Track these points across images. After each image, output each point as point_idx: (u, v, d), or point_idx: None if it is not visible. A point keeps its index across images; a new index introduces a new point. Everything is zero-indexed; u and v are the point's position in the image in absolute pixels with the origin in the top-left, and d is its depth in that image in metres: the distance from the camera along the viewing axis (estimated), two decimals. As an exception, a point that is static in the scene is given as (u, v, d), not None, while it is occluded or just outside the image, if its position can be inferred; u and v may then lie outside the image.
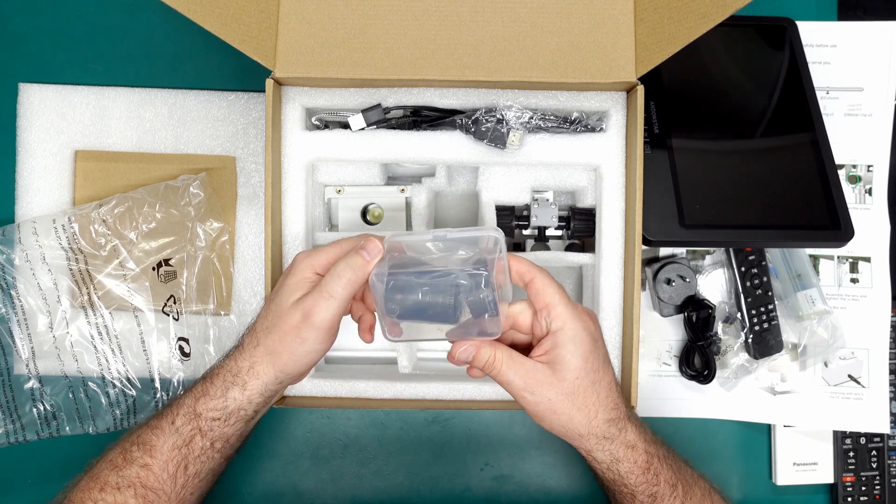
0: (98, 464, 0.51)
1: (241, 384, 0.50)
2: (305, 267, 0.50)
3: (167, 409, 0.52)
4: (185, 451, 0.50)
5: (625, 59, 0.56)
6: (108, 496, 0.49)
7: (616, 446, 0.50)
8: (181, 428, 0.50)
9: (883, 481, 0.69)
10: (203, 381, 0.52)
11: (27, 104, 0.67)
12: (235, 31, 0.53)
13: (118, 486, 0.49)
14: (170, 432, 0.50)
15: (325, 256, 0.50)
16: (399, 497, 0.69)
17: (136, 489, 0.49)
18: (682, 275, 0.65)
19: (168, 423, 0.51)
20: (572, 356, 0.47)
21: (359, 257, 0.48)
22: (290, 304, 0.49)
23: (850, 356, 0.68)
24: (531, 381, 0.47)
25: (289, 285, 0.50)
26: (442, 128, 0.59)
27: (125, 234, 0.64)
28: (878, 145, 0.69)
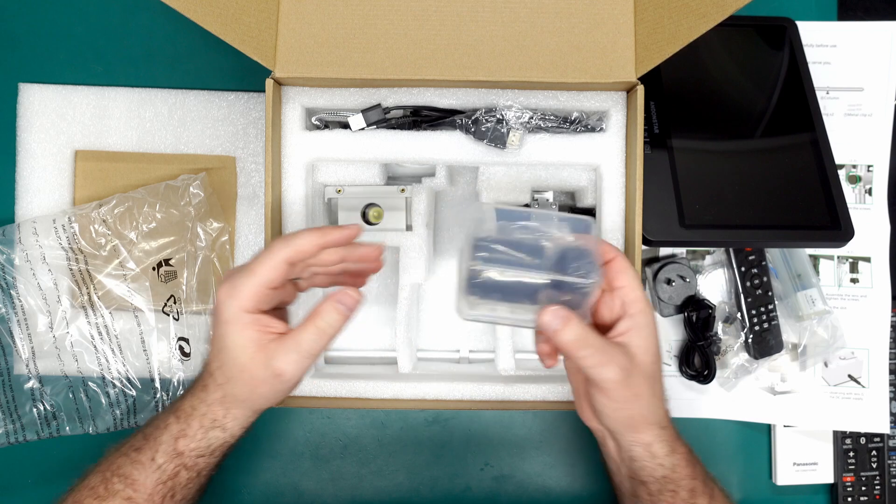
0: (80, 489, 0.51)
1: (220, 427, 0.49)
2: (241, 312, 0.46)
3: (143, 441, 0.50)
4: (172, 483, 0.49)
5: (625, 58, 0.56)
6: None
7: (671, 435, 0.49)
8: (164, 465, 0.49)
9: (883, 481, 0.69)
10: (177, 420, 0.49)
11: (27, 104, 0.67)
12: (235, 31, 0.53)
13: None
14: (151, 469, 0.49)
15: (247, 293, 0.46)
16: (399, 497, 0.69)
17: None
18: (682, 275, 0.65)
19: (148, 458, 0.49)
20: (649, 340, 0.47)
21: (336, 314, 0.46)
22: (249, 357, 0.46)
23: (850, 356, 0.68)
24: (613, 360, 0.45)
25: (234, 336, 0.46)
26: (442, 128, 0.59)
27: (125, 234, 0.64)
28: (878, 145, 0.69)
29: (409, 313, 0.62)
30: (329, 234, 0.48)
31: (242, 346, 0.46)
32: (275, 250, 0.46)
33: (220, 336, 0.47)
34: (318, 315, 0.46)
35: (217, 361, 0.48)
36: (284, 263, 0.46)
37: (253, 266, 0.46)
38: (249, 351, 0.46)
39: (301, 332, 0.46)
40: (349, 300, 0.47)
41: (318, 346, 0.46)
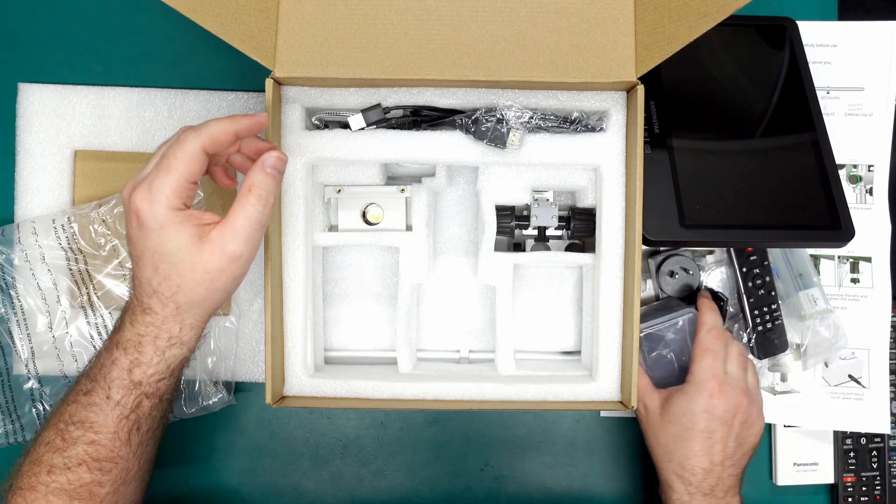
0: (35, 447, 0.49)
1: (177, 343, 0.47)
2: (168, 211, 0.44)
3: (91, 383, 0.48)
4: (135, 416, 0.48)
5: (625, 58, 0.56)
6: (58, 477, 0.47)
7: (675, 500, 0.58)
8: (122, 400, 0.47)
9: (883, 481, 0.68)
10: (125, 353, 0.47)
11: (27, 104, 0.66)
12: (235, 31, 0.53)
13: (67, 466, 0.47)
14: (109, 407, 0.47)
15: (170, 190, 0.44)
16: (399, 497, 0.69)
17: (89, 464, 0.47)
18: (685, 267, 0.65)
19: (102, 398, 0.47)
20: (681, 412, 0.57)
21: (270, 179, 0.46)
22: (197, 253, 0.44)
23: (851, 356, 0.68)
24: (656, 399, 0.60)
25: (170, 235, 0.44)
26: (442, 128, 0.59)
27: (125, 234, 0.64)
28: (878, 145, 0.69)
29: (409, 313, 0.62)
30: (240, 121, 0.47)
31: (186, 245, 0.44)
32: (187, 142, 0.45)
33: (154, 245, 0.44)
34: (254, 185, 0.45)
35: (158, 275, 0.45)
36: (202, 153, 0.45)
37: (168, 163, 0.44)
38: (195, 247, 0.44)
39: (242, 207, 0.45)
40: (278, 162, 0.46)
41: (264, 216, 0.45)
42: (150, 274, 0.46)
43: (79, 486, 0.48)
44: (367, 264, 0.67)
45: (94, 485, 0.48)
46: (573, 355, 0.68)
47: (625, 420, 0.70)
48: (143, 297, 0.47)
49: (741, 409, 0.57)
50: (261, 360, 0.67)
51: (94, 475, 0.48)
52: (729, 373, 0.58)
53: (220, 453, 0.68)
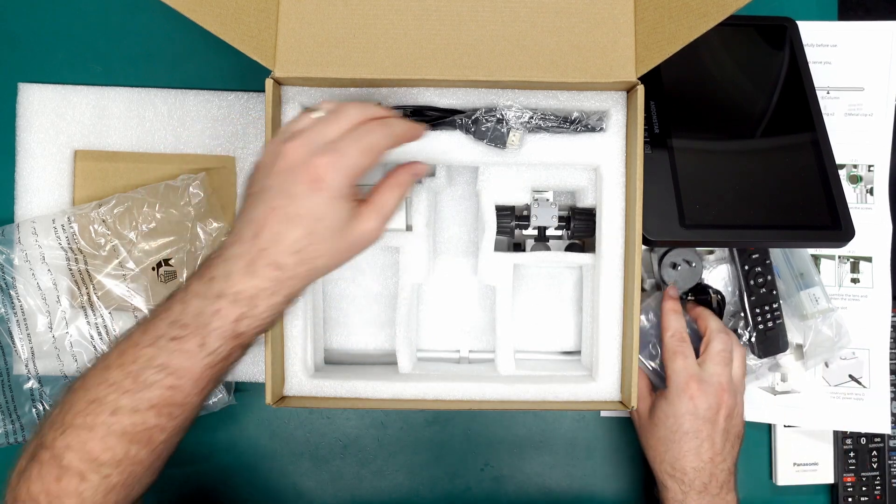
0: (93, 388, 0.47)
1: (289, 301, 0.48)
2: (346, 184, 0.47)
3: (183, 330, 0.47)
4: (221, 365, 0.48)
5: (625, 58, 0.56)
6: (123, 418, 0.46)
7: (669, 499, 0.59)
8: (218, 349, 0.47)
9: (883, 482, 0.68)
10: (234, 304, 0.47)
11: (27, 104, 0.66)
12: (235, 31, 0.53)
13: (135, 408, 0.46)
14: (201, 354, 0.47)
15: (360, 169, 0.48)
16: (399, 497, 0.69)
17: (160, 408, 0.47)
18: (687, 259, 0.64)
19: (195, 345, 0.47)
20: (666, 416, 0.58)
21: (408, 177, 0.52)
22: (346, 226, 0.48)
23: (851, 356, 0.68)
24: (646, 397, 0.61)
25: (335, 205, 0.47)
26: (442, 128, 0.59)
27: (125, 234, 0.64)
28: (878, 145, 0.69)
29: (409, 313, 0.62)
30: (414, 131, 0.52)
31: (345, 218, 0.47)
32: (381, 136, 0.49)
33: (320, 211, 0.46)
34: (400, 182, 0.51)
35: (310, 238, 0.47)
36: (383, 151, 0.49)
37: (368, 146, 0.48)
38: (350, 221, 0.48)
39: (389, 194, 0.50)
40: (421, 169, 0.53)
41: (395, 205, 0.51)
42: (300, 235, 0.47)
43: (142, 429, 0.47)
44: (366, 264, 0.67)
45: (157, 430, 0.47)
46: (573, 355, 0.68)
47: (625, 420, 0.70)
48: (279, 255, 0.47)
49: (723, 404, 0.58)
50: (261, 360, 0.67)
51: (160, 420, 0.47)
52: (706, 370, 0.58)
53: (220, 453, 0.68)
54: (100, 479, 0.46)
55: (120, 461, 0.46)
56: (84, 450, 0.46)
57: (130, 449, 0.47)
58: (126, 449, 0.46)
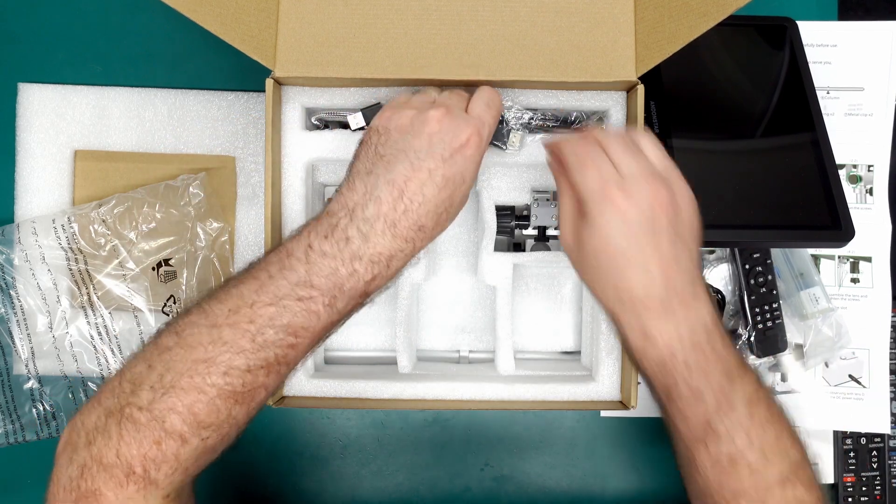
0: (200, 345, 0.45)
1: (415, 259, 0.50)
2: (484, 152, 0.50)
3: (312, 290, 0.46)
4: (341, 322, 0.48)
5: (625, 58, 0.56)
6: (233, 380, 0.45)
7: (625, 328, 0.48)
8: (345, 308, 0.47)
9: (883, 481, 0.68)
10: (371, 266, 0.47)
11: (27, 104, 0.66)
12: (235, 31, 0.53)
13: (248, 368, 0.45)
14: (328, 315, 0.46)
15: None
16: (399, 497, 0.69)
17: (271, 367, 0.46)
18: None
19: (322, 305, 0.46)
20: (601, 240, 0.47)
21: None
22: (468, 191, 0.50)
23: (851, 356, 0.68)
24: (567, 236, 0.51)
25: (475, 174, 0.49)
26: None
27: (125, 234, 0.64)
28: (878, 145, 0.69)
29: (409, 313, 0.62)
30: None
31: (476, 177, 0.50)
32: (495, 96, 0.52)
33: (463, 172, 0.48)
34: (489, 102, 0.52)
35: (452, 199, 0.48)
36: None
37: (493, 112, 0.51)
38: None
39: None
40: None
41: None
42: (446, 197, 0.48)
43: (251, 388, 0.45)
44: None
45: (262, 389, 0.46)
46: (573, 355, 0.68)
47: (625, 420, 0.70)
48: (422, 216, 0.47)
49: (659, 201, 0.47)
50: (261, 360, 0.67)
51: (269, 379, 0.46)
52: (623, 171, 0.47)
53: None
54: (199, 441, 0.45)
55: (221, 423, 0.45)
56: (191, 412, 0.44)
57: (233, 409, 0.45)
58: (229, 409, 0.45)
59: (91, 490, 0.44)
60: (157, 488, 0.44)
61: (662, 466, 0.69)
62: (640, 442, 0.69)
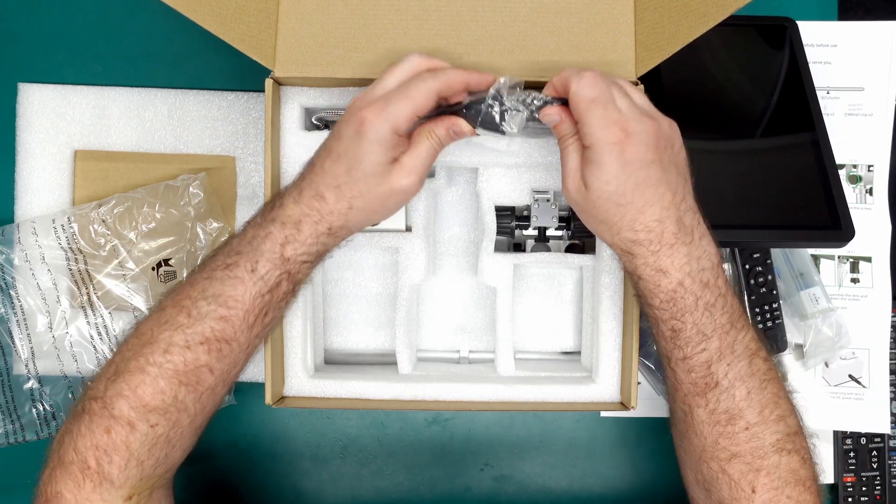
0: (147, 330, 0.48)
1: (333, 235, 0.50)
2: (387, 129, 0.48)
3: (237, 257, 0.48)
4: (269, 297, 0.48)
5: (625, 58, 0.56)
6: (175, 357, 0.46)
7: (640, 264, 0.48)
8: (266, 275, 0.48)
9: (883, 481, 0.68)
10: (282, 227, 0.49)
11: (27, 104, 0.66)
12: (235, 31, 0.53)
13: (187, 344, 0.46)
14: (251, 280, 0.48)
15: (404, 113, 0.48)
16: (399, 497, 0.69)
17: (210, 344, 0.47)
18: None
19: (247, 271, 0.48)
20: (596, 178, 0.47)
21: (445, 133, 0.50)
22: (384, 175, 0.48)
23: (851, 356, 0.68)
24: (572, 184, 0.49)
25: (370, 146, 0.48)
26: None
27: (125, 234, 0.64)
28: (878, 145, 0.69)
29: (409, 314, 0.62)
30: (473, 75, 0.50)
31: (383, 163, 0.48)
32: (428, 80, 0.48)
33: (359, 154, 0.48)
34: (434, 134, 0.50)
35: (348, 177, 0.49)
36: (435, 94, 0.48)
37: (408, 92, 0.48)
38: (385, 170, 0.48)
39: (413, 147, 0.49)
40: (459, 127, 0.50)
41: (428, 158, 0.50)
42: (341, 172, 0.49)
43: (193, 367, 0.46)
44: (366, 264, 0.67)
45: (206, 370, 0.47)
46: (573, 356, 0.68)
47: (625, 420, 0.70)
48: (322, 186, 0.49)
49: (659, 135, 0.48)
50: (261, 360, 0.66)
51: (210, 357, 0.47)
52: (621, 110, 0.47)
53: (220, 453, 0.68)
54: (147, 428, 0.46)
55: (168, 408, 0.46)
56: (136, 395, 0.46)
57: (179, 391, 0.46)
58: (175, 392, 0.46)
59: (54, 493, 0.45)
60: (112, 486, 0.45)
61: (662, 466, 0.69)
62: (640, 442, 0.69)
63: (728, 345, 0.49)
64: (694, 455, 0.51)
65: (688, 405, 0.49)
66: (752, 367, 0.49)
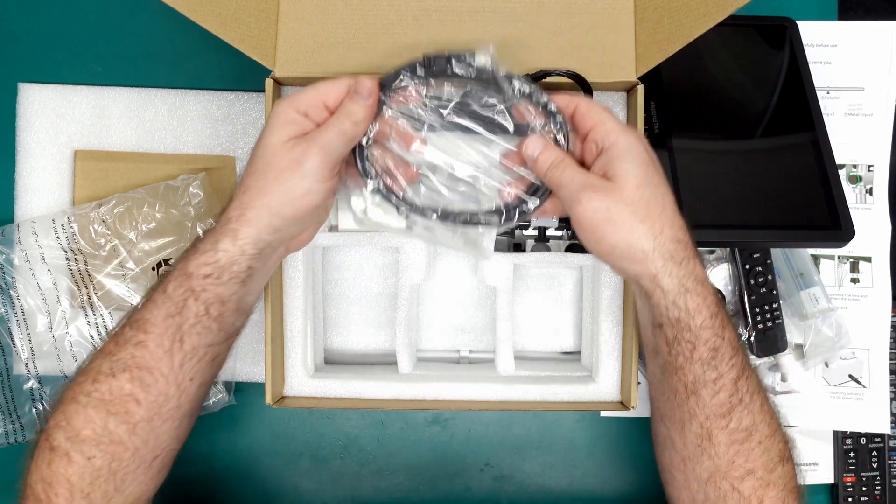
0: (92, 358, 0.48)
1: (231, 233, 0.46)
2: (287, 107, 0.47)
3: (158, 282, 0.48)
4: (179, 319, 0.46)
5: (625, 58, 0.56)
6: (101, 385, 0.45)
7: (685, 273, 0.45)
8: (173, 293, 0.46)
9: (883, 481, 0.68)
10: (194, 241, 0.48)
11: (27, 104, 0.66)
12: (235, 31, 0.53)
13: (112, 371, 0.46)
14: (162, 301, 0.46)
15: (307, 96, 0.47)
16: (399, 497, 0.69)
17: (132, 372, 0.45)
18: None
19: (160, 293, 0.47)
20: (630, 164, 0.45)
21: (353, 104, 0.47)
22: (280, 144, 0.46)
23: (851, 356, 0.68)
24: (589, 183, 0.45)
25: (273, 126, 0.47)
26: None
27: (125, 234, 0.64)
28: (878, 145, 0.69)
29: (409, 314, 0.62)
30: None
31: (280, 138, 0.47)
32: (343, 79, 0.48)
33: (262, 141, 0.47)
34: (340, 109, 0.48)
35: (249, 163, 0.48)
36: (346, 87, 0.48)
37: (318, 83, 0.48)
38: (284, 143, 0.46)
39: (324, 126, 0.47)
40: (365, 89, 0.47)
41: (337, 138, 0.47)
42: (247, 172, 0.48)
43: (119, 395, 0.45)
44: (367, 264, 0.67)
45: (132, 400, 0.46)
46: (573, 355, 0.68)
47: (625, 420, 0.70)
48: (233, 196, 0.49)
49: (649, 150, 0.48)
50: (261, 360, 0.67)
51: (134, 387, 0.45)
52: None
53: (220, 453, 0.68)
54: (84, 460, 0.45)
55: (100, 438, 0.45)
56: (70, 425, 0.45)
57: (109, 422, 0.45)
58: (104, 422, 0.45)
59: None
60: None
61: (662, 466, 0.69)
62: (640, 442, 0.69)
63: (744, 356, 0.48)
64: (701, 476, 0.49)
65: (706, 429, 0.47)
66: (757, 375, 0.49)
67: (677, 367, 0.47)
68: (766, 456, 0.47)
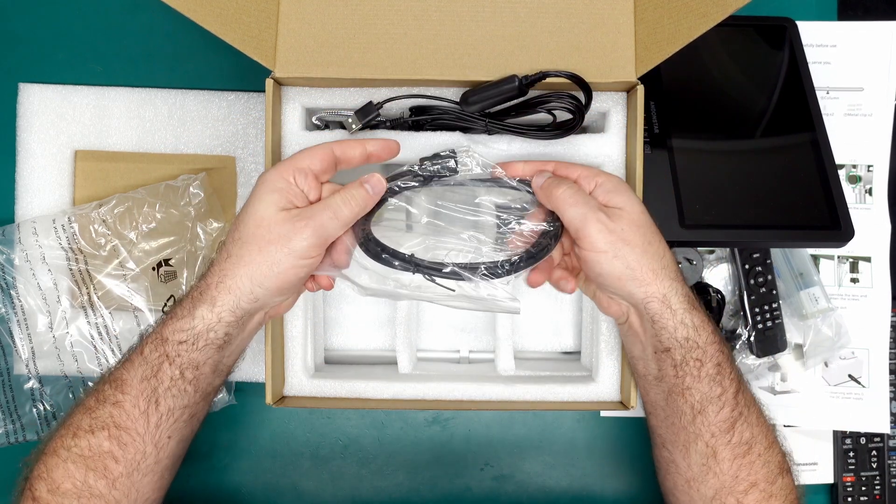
0: (73, 411, 0.48)
1: (209, 301, 0.46)
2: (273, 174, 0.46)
3: (139, 342, 0.49)
4: (154, 382, 0.46)
5: (625, 58, 0.56)
6: (80, 441, 0.46)
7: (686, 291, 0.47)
8: (149, 356, 0.46)
9: (883, 481, 0.69)
10: (173, 305, 0.48)
11: (27, 104, 0.66)
12: (235, 31, 0.53)
13: (91, 428, 0.46)
14: (139, 363, 0.47)
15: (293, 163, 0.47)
16: (399, 497, 0.69)
17: (110, 430, 0.46)
18: (688, 257, 0.64)
19: (137, 354, 0.47)
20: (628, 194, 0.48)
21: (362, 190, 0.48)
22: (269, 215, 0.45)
23: (851, 356, 0.68)
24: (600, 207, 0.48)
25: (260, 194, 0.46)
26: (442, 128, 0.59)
27: (125, 234, 0.64)
28: (878, 145, 0.69)
29: (409, 313, 0.62)
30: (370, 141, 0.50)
31: (269, 208, 0.46)
32: (327, 144, 0.49)
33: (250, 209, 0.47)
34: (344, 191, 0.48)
35: (234, 229, 0.47)
36: (332, 154, 0.48)
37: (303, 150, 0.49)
38: (270, 211, 0.46)
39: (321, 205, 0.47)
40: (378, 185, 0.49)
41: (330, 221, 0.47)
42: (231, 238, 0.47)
43: (98, 453, 0.46)
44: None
45: (110, 458, 0.46)
46: (573, 355, 0.68)
47: (625, 420, 0.70)
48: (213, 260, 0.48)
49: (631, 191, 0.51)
50: (261, 360, 0.67)
51: (112, 445, 0.46)
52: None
53: (220, 453, 0.68)
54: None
55: (80, 492, 0.46)
56: (50, 478, 0.46)
57: (88, 477, 0.46)
58: (84, 477, 0.46)
59: None
60: None
61: (662, 466, 0.69)
62: (639, 442, 0.69)
63: (738, 369, 0.49)
64: (706, 495, 0.49)
65: (711, 447, 0.48)
66: (749, 386, 0.50)
67: (684, 389, 0.48)
68: (767, 468, 0.48)
